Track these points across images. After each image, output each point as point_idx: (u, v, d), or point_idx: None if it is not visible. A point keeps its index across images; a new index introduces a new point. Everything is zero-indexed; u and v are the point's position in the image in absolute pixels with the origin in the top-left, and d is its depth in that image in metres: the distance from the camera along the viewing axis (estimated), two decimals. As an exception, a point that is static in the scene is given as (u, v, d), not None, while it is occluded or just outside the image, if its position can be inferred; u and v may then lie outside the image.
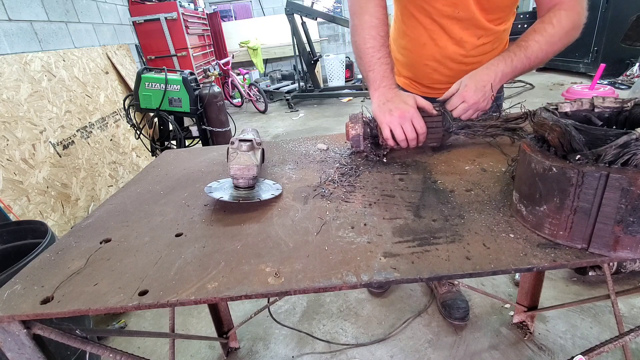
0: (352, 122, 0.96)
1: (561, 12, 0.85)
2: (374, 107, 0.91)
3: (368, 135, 0.96)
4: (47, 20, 2.80)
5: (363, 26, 0.93)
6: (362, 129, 0.94)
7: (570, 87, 3.04)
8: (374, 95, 0.92)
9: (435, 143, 0.96)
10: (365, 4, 0.93)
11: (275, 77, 7.41)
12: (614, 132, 0.47)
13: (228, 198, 0.76)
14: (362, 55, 0.94)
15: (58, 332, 0.59)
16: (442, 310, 1.55)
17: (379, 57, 0.92)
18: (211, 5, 7.79)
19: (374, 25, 0.92)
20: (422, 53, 1.04)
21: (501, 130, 0.94)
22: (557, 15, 0.85)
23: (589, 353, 0.80)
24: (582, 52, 5.53)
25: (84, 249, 0.67)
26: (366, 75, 0.93)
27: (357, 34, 0.95)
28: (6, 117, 2.00)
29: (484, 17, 0.96)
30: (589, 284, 1.65)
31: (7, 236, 1.41)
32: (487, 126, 0.94)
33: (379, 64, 0.92)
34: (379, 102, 0.90)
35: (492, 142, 0.95)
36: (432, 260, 0.54)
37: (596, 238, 0.50)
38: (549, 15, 0.87)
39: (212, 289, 0.53)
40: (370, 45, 0.92)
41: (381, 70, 0.92)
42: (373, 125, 0.97)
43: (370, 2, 0.93)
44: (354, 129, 0.94)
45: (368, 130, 0.96)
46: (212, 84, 2.71)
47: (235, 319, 1.54)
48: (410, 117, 0.86)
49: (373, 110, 0.92)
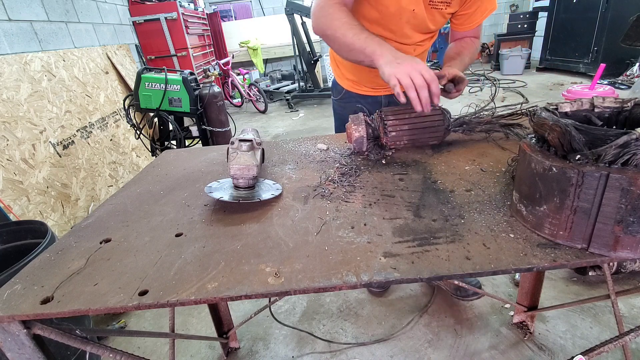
0: (355, 123, 0.95)
1: (475, 40, 1.23)
2: (382, 69, 0.87)
3: (371, 136, 0.96)
4: (47, 20, 2.79)
5: (336, 27, 0.94)
6: (365, 131, 0.94)
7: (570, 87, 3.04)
8: (380, 59, 0.87)
9: (436, 141, 0.99)
10: (329, 14, 0.96)
11: (275, 77, 7.41)
12: (614, 132, 0.47)
13: (228, 198, 0.76)
14: (351, 45, 0.93)
15: (58, 332, 0.59)
16: (456, 292, 1.58)
17: (366, 36, 0.91)
18: (211, 5, 7.79)
19: (346, 22, 0.94)
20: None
21: (496, 127, 0.98)
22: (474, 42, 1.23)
23: (589, 353, 0.80)
24: (582, 52, 5.53)
25: (84, 249, 0.67)
26: (364, 54, 0.91)
27: (335, 37, 0.95)
28: (6, 117, 2.00)
29: (420, 37, 1.19)
30: (589, 284, 1.65)
31: (7, 236, 1.41)
32: (482, 123, 0.98)
33: (370, 39, 0.91)
34: (386, 61, 0.86)
35: (488, 138, 0.99)
36: (432, 260, 0.54)
37: (596, 238, 0.50)
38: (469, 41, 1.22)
39: (212, 289, 0.53)
40: (352, 34, 0.92)
41: (376, 41, 0.91)
42: (375, 125, 0.97)
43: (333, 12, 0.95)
44: (357, 131, 0.94)
45: (370, 131, 0.96)
46: (212, 84, 2.71)
47: (235, 319, 1.54)
48: (420, 68, 0.83)
49: (381, 72, 0.87)
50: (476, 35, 1.23)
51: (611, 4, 4.92)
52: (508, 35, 7.08)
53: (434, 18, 1.13)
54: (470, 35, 1.22)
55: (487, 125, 0.98)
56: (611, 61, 4.83)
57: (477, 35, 1.24)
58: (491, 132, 1.01)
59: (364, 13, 1.12)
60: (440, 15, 1.13)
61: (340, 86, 1.38)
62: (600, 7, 5.07)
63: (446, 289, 1.64)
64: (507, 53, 6.45)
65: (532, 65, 6.90)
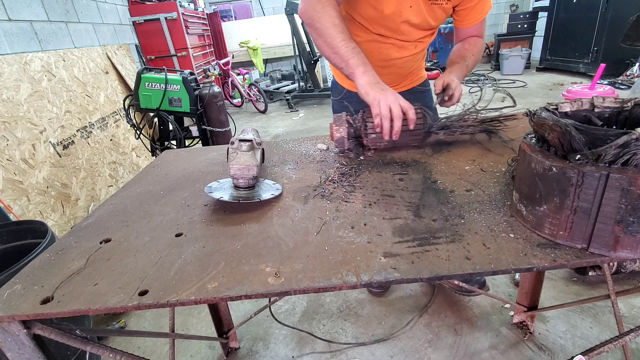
0: (337, 124, 0.99)
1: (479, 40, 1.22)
2: (364, 87, 0.92)
3: (352, 135, 0.99)
4: (47, 20, 2.79)
5: (327, 26, 0.94)
6: (346, 131, 0.97)
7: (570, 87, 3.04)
8: (362, 77, 0.92)
9: (417, 143, 1.01)
10: (321, 9, 0.96)
11: (275, 77, 7.41)
12: (614, 132, 0.47)
13: (228, 198, 0.76)
14: (336, 49, 0.94)
15: (58, 332, 0.59)
16: (460, 291, 1.58)
17: (354, 47, 0.94)
18: (211, 5, 7.79)
19: (337, 23, 0.94)
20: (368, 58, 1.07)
21: (478, 130, 1.01)
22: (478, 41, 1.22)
23: (589, 353, 0.80)
24: (582, 52, 5.53)
25: (84, 249, 0.67)
26: (347, 64, 0.94)
27: (323, 35, 0.96)
28: (6, 117, 2.00)
29: (420, 34, 1.18)
30: (589, 284, 1.65)
31: (7, 236, 1.41)
32: (465, 126, 0.99)
33: (357, 52, 0.93)
34: (369, 82, 0.91)
35: (472, 140, 1.01)
36: (432, 260, 0.54)
37: (596, 238, 0.50)
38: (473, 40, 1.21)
39: (212, 289, 0.53)
40: (340, 38, 0.93)
41: (361, 57, 0.94)
42: (357, 125, 1.00)
43: (327, 6, 0.95)
44: (338, 132, 0.98)
45: (352, 130, 0.99)
46: (212, 84, 2.71)
47: (235, 319, 1.54)
48: (398, 99, 0.90)
49: (363, 89, 0.92)
50: (480, 34, 1.22)
51: (611, 4, 4.92)
52: (508, 35, 7.08)
53: (435, 14, 1.12)
54: (474, 33, 1.21)
55: (470, 129, 1.00)
56: (611, 61, 4.83)
57: (480, 34, 1.22)
58: (474, 134, 1.02)
59: (363, 12, 1.12)
60: (441, 10, 1.12)
61: (341, 86, 1.38)
62: (600, 7, 5.06)
63: (448, 285, 1.64)
64: (507, 53, 6.45)
65: (532, 65, 6.90)
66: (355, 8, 1.12)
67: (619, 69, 4.98)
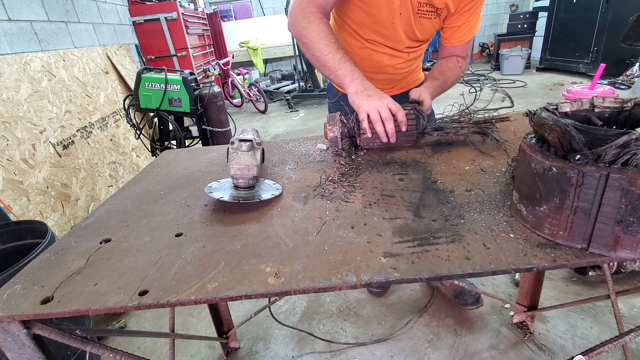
0: (330, 124, 1.00)
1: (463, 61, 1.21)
2: (351, 96, 0.94)
3: (345, 135, 1.01)
4: (47, 20, 2.79)
5: (314, 40, 0.97)
6: (339, 131, 0.99)
7: (570, 87, 3.04)
8: (349, 86, 0.95)
9: (410, 144, 1.01)
10: (307, 24, 0.98)
11: (275, 77, 7.41)
12: (614, 132, 0.47)
13: (228, 198, 0.76)
14: (324, 62, 0.97)
15: (58, 332, 0.59)
16: (454, 300, 1.57)
17: (341, 57, 0.95)
18: (211, 5, 7.79)
19: (324, 36, 0.96)
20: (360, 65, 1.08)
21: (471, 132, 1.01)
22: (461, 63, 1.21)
23: (589, 353, 0.80)
24: (582, 52, 5.53)
25: (84, 249, 0.67)
26: (335, 75, 0.96)
27: (311, 48, 0.98)
28: (6, 117, 2.00)
29: (411, 43, 1.17)
30: (589, 284, 1.65)
31: (7, 236, 1.41)
32: (458, 128, 1.00)
33: (344, 62, 0.95)
34: (356, 90, 0.94)
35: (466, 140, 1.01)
36: (432, 260, 0.54)
37: (596, 238, 0.50)
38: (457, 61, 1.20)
39: (212, 289, 0.53)
40: (328, 51, 0.95)
41: (348, 66, 0.95)
42: (350, 125, 1.00)
43: (313, 20, 0.97)
44: (331, 131, 0.99)
45: (345, 130, 1.00)
46: (212, 84, 2.71)
47: (235, 319, 1.54)
48: (387, 102, 0.91)
49: (351, 98, 0.94)
50: (463, 55, 1.21)
51: (611, 4, 4.92)
52: (508, 35, 7.08)
53: (422, 26, 1.12)
54: (458, 53, 1.20)
55: (464, 130, 1.00)
56: (611, 61, 4.83)
57: (464, 55, 1.21)
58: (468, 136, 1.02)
59: (355, 17, 1.12)
60: (429, 23, 1.12)
61: (336, 89, 1.38)
62: (600, 7, 5.06)
63: (445, 292, 1.63)
64: (507, 53, 6.45)
65: (532, 65, 6.90)
66: (346, 13, 1.13)
67: (619, 69, 4.98)
